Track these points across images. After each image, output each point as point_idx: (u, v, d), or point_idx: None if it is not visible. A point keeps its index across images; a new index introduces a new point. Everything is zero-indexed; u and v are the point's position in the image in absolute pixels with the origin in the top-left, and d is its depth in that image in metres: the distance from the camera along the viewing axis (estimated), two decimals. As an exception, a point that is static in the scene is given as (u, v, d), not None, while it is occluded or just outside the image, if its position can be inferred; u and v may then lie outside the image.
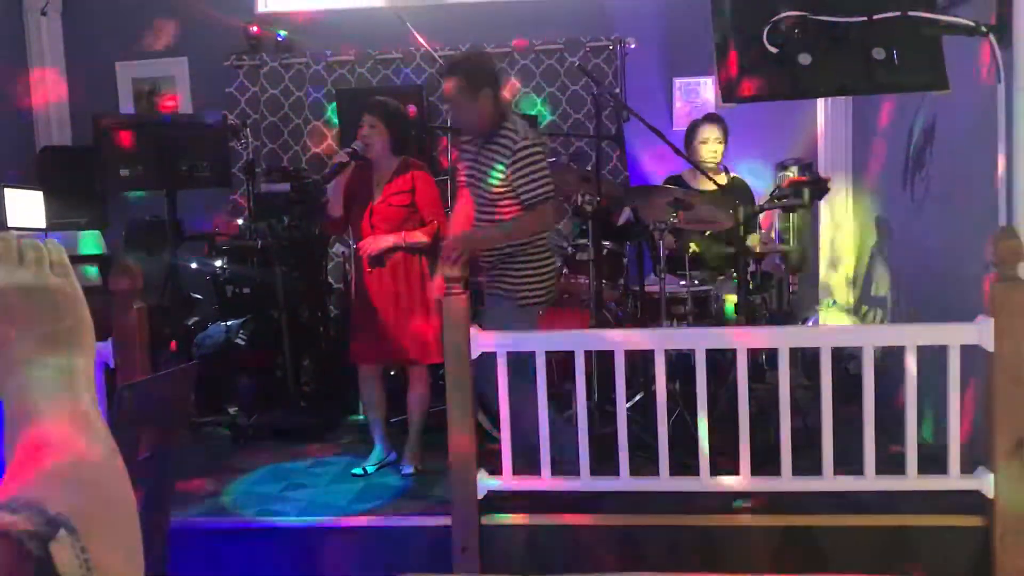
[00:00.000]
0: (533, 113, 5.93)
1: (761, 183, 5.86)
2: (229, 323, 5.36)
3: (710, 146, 4.93)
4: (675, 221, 4.16)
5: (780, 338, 3.38)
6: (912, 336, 3.28)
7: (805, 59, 3.28)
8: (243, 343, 5.33)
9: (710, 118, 5.11)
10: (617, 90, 5.55)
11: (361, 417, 5.07)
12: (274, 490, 4.07)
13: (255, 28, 6.15)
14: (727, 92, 3.41)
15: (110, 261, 4.73)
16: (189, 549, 3.57)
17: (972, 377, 3.45)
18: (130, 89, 6.35)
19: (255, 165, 5.43)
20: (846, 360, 4.88)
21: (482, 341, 3.44)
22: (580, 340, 3.51)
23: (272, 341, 5.27)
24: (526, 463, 3.53)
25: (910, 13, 3.21)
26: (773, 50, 3.29)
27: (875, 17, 3.21)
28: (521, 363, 3.55)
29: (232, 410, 5.02)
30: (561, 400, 4.31)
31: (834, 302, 5.79)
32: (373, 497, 3.95)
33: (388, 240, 4.13)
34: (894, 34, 3.25)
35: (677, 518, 3.50)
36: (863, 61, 3.30)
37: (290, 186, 5.30)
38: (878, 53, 3.29)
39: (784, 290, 5.21)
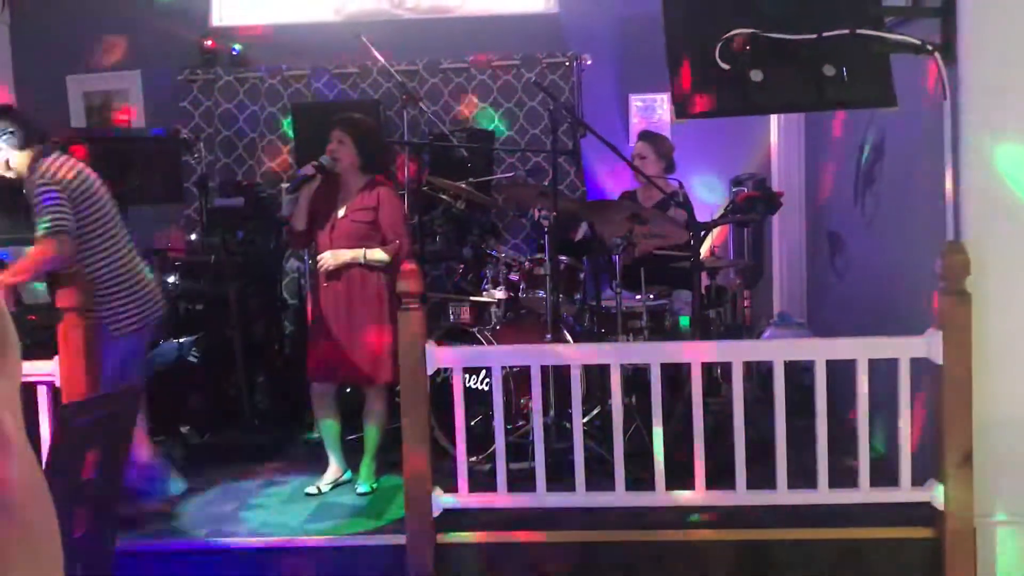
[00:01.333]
0: (490, 128, 5.94)
1: (716, 198, 5.93)
2: (181, 340, 5.27)
3: (637, 161, 4.97)
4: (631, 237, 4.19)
5: (734, 352, 3.40)
6: (863, 349, 3.32)
7: (757, 76, 3.32)
8: (195, 360, 5.25)
9: (640, 135, 5.16)
10: (574, 106, 5.57)
11: (315, 435, 5.02)
12: (227, 510, 3.99)
13: (209, 42, 6.10)
14: (680, 108, 3.44)
15: (58, 277, 4.61)
16: (139, 572, 3.50)
17: (922, 390, 3.50)
18: (81, 103, 6.25)
19: (208, 179, 5.36)
20: (801, 374, 4.93)
21: (439, 357, 3.42)
22: (536, 355, 3.50)
23: (225, 358, 5.20)
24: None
25: (859, 31, 3.26)
26: (725, 67, 3.32)
27: (825, 35, 3.26)
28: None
29: (184, 429, 4.93)
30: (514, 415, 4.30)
31: (787, 316, 5.84)
32: (328, 516, 3.89)
33: (347, 255, 4.09)
34: (843, 52, 3.30)
35: (633, 533, 3.50)
36: (813, 78, 3.34)
37: (244, 200, 5.26)
38: (828, 70, 3.33)
39: (738, 304, 5.27)
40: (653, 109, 6.11)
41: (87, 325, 3.48)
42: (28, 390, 3.55)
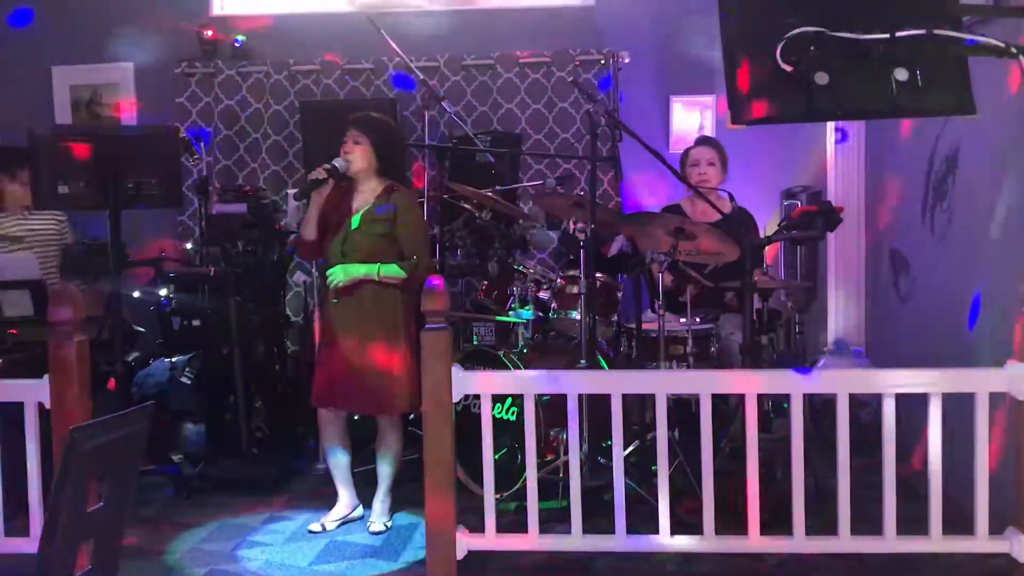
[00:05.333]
0: (516, 132, 5.98)
1: (763, 212, 5.94)
2: (174, 360, 5.31)
3: (700, 168, 5.00)
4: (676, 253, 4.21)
5: (794, 383, 3.41)
6: (938, 383, 3.33)
7: (822, 79, 3.31)
8: (188, 382, 5.28)
9: (702, 140, 5.20)
10: (610, 108, 5.61)
11: (321, 466, 5.04)
12: (225, 548, 4.01)
13: (209, 32, 6.17)
14: (737, 113, 3.45)
15: (43, 286, 4.66)
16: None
17: (994, 427, 3.50)
18: (68, 97, 6.33)
19: (208, 183, 5.41)
20: (857, 408, 4.92)
21: (467, 383, 3.44)
22: (574, 382, 3.52)
23: (221, 380, 5.22)
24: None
25: (936, 32, 3.29)
26: (787, 68, 3.35)
27: (898, 35, 3.29)
28: None
29: (176, 458, 4.95)
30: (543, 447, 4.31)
31: (844, 344, 5.85)
32: (338, 557, 3.91)
33: (360, 271, 4.11)
34: (918, 54, 3.31)
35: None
36: (884, 82, 3.36)
37: (246, 207, 5.30)
38: (900, 74, 3.32)
39: (791, 330, 5.28)
40: (696, 112, 6.14)
41: (82, 342, 3.51)
42: (15, 409, 3.60)
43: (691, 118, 6.13)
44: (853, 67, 3.41)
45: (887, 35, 3.35)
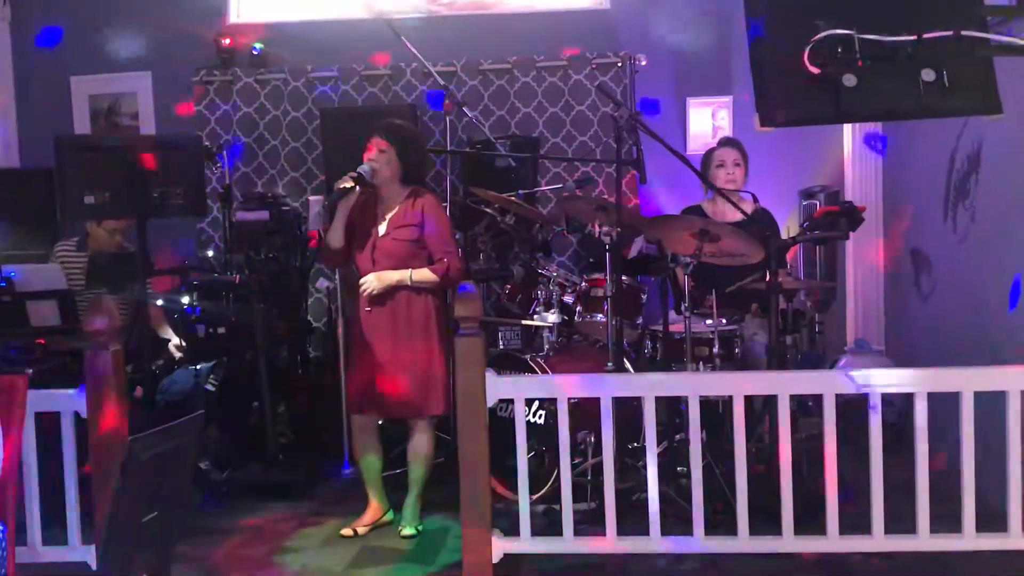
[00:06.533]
0: (534, 135, 6.01)
1: (782, 212, 5.96)
2: (198, 367, 5.34)
3: (727, 170, 5.03)
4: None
5: (826, 384, 3.44)
6: (970, 381, 3.35)
7: (850, 80, 3.36)
8: (213, 389, 5.32)
9: (726, 141, 5.22)
10: (639, 111, 5.63)
11: (347, 471, 5.08)
12: (260, 553, 4.05)
13: (227, 40, 6.21)
14: (765, 115, 3.49)
15: (70, 297, 4.70)
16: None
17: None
18: (87, 106, 6.36)
19: (231, 190, 5.45)
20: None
21: (500, 387, 3.47)
22: (607, 385, 3.55)
23: (245, 387, 5.26)
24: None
25: (963, 32, 3.31)
26: (814, 70, 3.38)
27: (925, 36, 3.31)
28: None
29: (203, 464, 4.98)
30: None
31: (864, 343, 5.87)
32: (373, 561, 3.94)
33: (393, 277, 4.14)
34: (945, 55, 3.34)
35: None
36: (911, 83, 3.39)
37: (268, 214, 5.33)
38: (927, 75, 3.37)
39: (812, 330, 5.31)
40: (713, 115, 6.17)
41: (117, 351, 3.55)
42: (51, 420, 3.63)
43: (708, 119, 6.15)
44: (880, 69, 3.45)
45: (914, 37, 3.40)
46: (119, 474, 2.08)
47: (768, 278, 4.17)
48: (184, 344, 5.37)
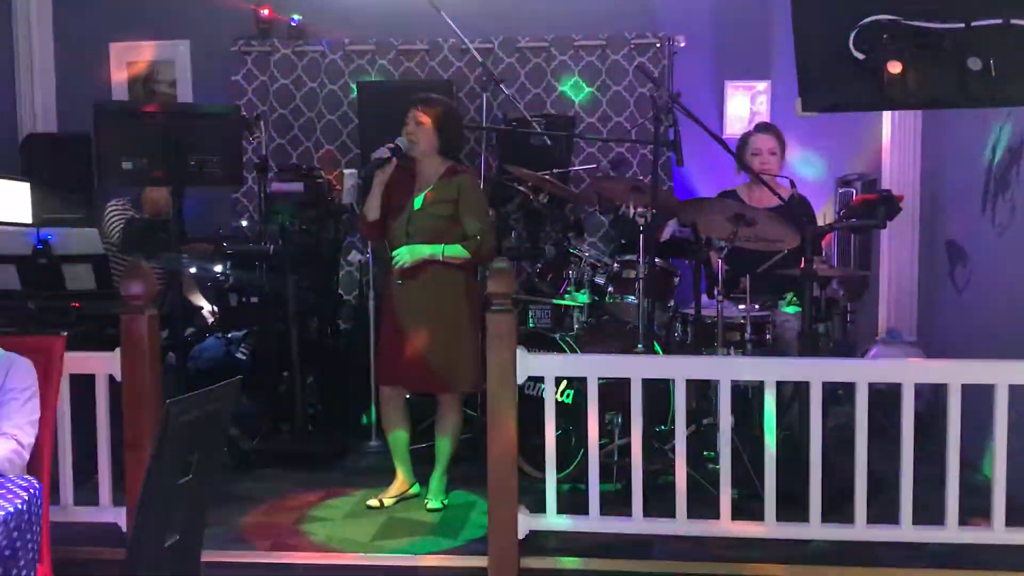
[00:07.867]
0: (570, 115, 5.99)
1: (818, 199, 5.92)
2: (229, 336, 5.39)
3: (763, 157, 4.98)
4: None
5: (858, 372, 3.42)
6: (1005, 373, 3.33)
7: (895, 67, 3.33)
8: (244, 358, 5.37)
9: (763, 127, 5.17)
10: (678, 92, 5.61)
11: (374, 443, 5.12)
12: (287, 522, 4.09)
13: (266, 11, 6.23)
14: (808, 100, 3.46)
15: (105, 261, 4.74)
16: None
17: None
18: (124, 72, 6.40)
19: (267, 161, 5.48)
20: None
21: (531, 364, 3.47)
22: (637, 366, 3.54)
23: (276, 357, 5.31)
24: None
25: (1013, 21, 3.26)
26: (859, 56, 3.34)
27: (973, 24, 3.27)
28: None
29: (233, 432, 5.03)
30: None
31: (897, 332, 5.83)
32: (398, 533, 3.97)
33: (426, 251, 4.14)
34: (993, 43, 3.30)
35: (739, 567, 3.54)
36: (957, 72, 3.35)
37: (303, 186, 5.35)
38: (974, 63, 3.33)
39: (844, 318, 5.27)
40: (752, 98, 6.12)
41: (153, 316, 3.58)
42: (86, 381, 3.68)
43: (746, 103, 6.11)
44: (926, 56, 3.42)
45: (962, 25, 3.36)
46: (157, 436, 2.10)
47: (803, 265, 4.15)
48: (217, 311, 5.43)
